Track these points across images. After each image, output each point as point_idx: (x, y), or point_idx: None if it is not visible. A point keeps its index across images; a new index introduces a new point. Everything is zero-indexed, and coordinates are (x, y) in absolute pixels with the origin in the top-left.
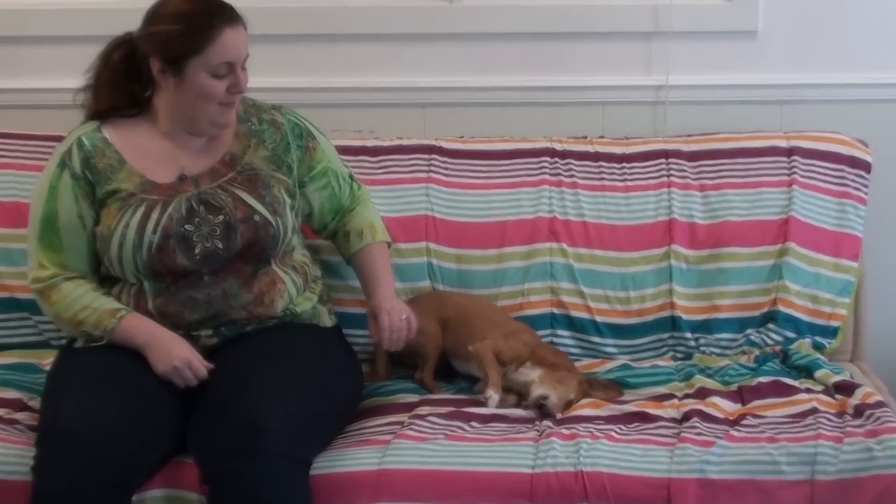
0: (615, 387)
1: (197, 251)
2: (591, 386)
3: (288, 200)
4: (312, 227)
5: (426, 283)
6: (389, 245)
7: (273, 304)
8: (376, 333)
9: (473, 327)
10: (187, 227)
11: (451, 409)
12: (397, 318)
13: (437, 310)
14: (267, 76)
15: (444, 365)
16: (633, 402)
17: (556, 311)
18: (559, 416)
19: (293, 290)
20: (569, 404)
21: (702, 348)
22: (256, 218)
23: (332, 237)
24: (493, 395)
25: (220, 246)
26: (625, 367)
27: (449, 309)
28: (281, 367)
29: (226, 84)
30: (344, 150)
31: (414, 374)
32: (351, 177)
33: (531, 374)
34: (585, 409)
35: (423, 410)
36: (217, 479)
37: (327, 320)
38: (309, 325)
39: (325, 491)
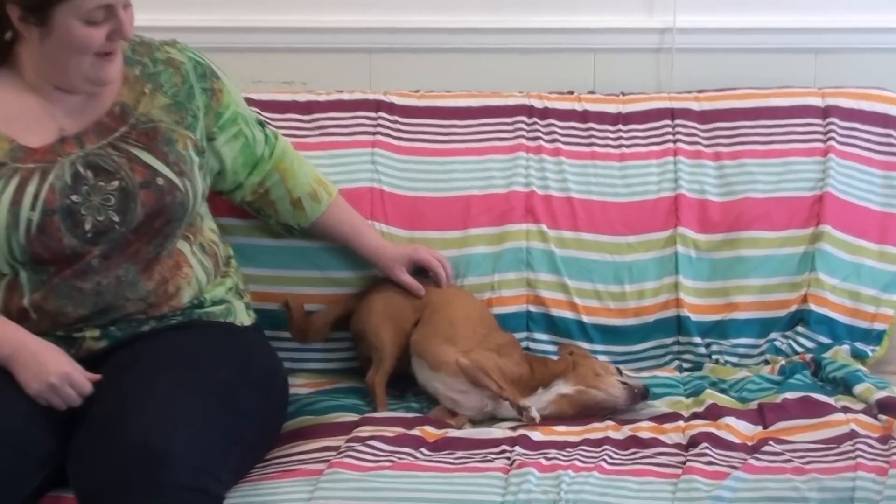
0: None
1: (87, 227)
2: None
3: (195, 158)
4: (223, 188)
5: (369, 273)
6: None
7: (178, 292)
8: (417, 283)
9: (454, 331)
10: (74, 198)
11: (400, 430)
12: (430, 251)
13: (410, 300)
14: (161, 12)
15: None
16: (628, 424)
17: (532, 308)
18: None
19: (202, 276)
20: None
21: (714, 356)
22: (159, 181)
23: (258, 206)
24: (531, 408)
25: (117, 219)
26: None
27: (426, 301)
28: (186, 377)
29: (105, 30)
30: (269, 107)
31: (364, 378)
32: (260, 122)
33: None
34: (569, 432)
35: (364, 432)
36: None
37: (244, 317)
38: (221, 325)
39: None
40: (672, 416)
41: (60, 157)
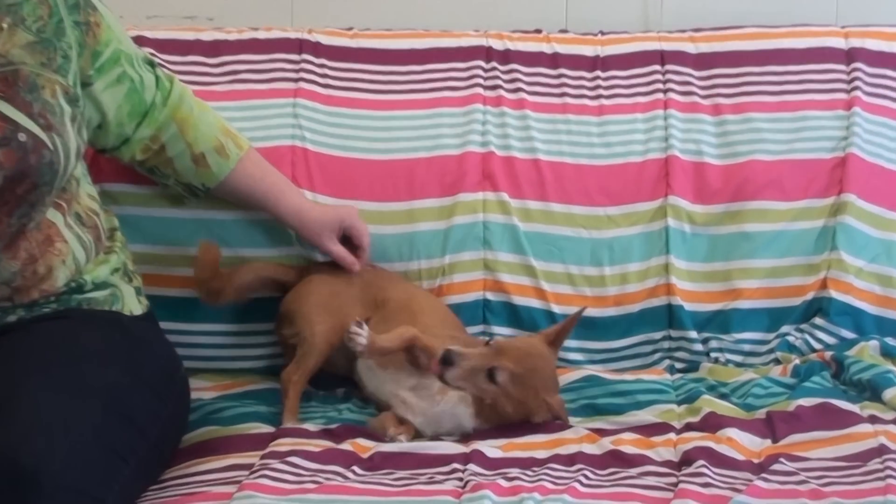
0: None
1: None
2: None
3: (67, 108)
4: (105, 144)
5: (291, 251)
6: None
7: (51, 273)
8: (349, 255)
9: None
10: None
11: (327, 444)
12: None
13: (362, 295)
14: None
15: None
16: (607, 437)
17: (491, 296)
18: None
19: (80, 253)
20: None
21: (713, 354)
22: (21, 137)
23: (151, 165)
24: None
25: None
26: (594, 381)
27: (383, 298)
28: (63, 379)
29: None
30: (167, 47)
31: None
32: (150, 63)
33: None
34: (535, 445)
35: (283, 446)
36: None
37: (134, 305)
38: (106, 314)
39: None
40: (661, 428)
41: None
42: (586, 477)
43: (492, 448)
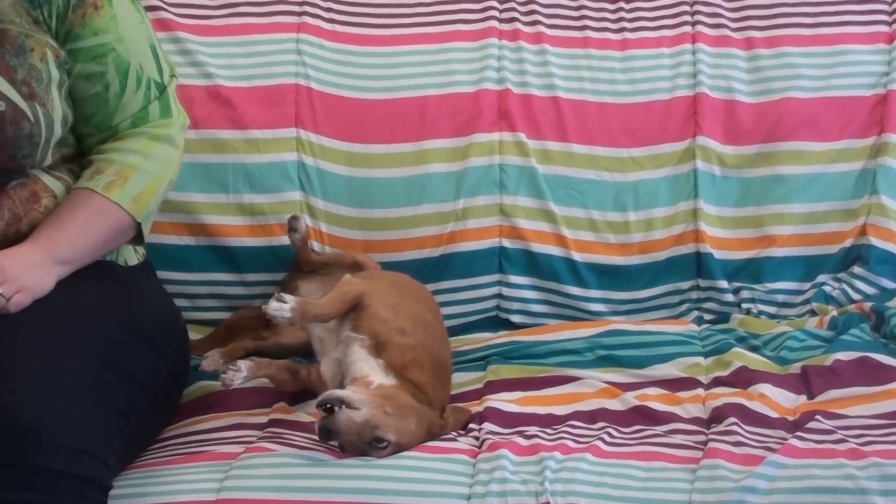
0: None
1: None
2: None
3: (56, 75)
4: None
5: (295, 196)
6: (141, 236)
7: None
8: None
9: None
10: None
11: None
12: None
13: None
14: None
15: None
16: (630, 391)
17: (507, 243)
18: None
19: None
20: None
21: (744, 305)
22: (0, 106)
23: None
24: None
25: None
26: (617, 333)
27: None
28: (58, 334)
29: None
30: None
31: None
32: (161, 88)
33: (367, 369)
34: (554, 400)
35: (295, 405)
36: None
37: (130, 255)
38: (100, 265)
39: None
40: (688, 383)
41: None
42: (610, 435)
43: (507, 403)
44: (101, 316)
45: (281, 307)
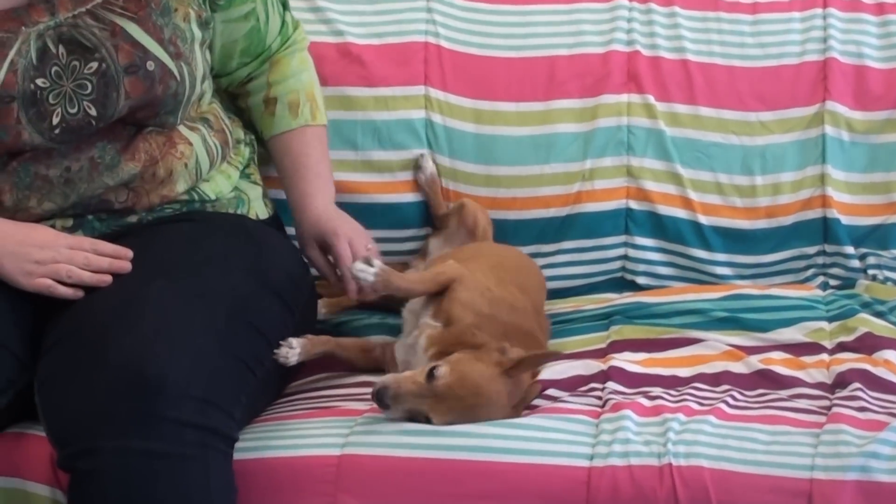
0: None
1: (55, 121)
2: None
3: (198, 34)
4: None
5: (419, 150)
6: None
7: (171, 177)
8: (331, 271)
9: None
10: (40, 81)
11: None
12: (363, 245)
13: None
14: None
15: None
16: (753, 355)
17: (634, 204)
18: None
19: (203, 157)
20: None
21: (871, 271)
22: (150, 66)
23: (234, 93)
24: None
25: (93, 112)
26: (741, 297)
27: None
28: (187, 284)
29: None
30: None
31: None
32: (284, 3)
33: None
34: (677, 361)
35: None
36: (82, 463)
37: (260, 208)
38: (230, 217)
39: (254, 484)
40: (811, 348)
41: (25, 27)
42: (733, 398)
43: (631, 363)
44: (231, 269)
45: (366, 269)
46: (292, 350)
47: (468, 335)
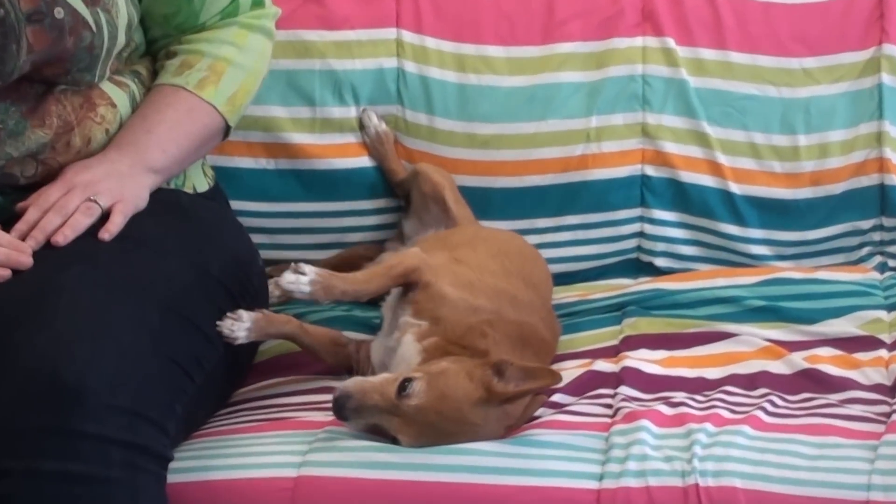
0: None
1: None
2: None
3: None
4: None
5: (392, 109)
6: (227, 132)
7: (90, 147)
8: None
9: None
10: None
11: None
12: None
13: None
14: None
15: None
16: (797, 352)
17: (651, 171)
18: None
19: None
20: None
21: None
22: (58, 13)
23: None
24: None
25: None
26: (782, 282)
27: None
28: (110, 274)
29: None
30: None
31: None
32: None
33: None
34: (704, 361)
35: None
36: None
37: (199, 179)
38: (163, 193)
39: None
40: (867, 342)
41: None
42: (772, 404)
43: (648, 363)
44: (164, 253)
45: (297, 280)
46: (240, 323)
47: (474, 336)
